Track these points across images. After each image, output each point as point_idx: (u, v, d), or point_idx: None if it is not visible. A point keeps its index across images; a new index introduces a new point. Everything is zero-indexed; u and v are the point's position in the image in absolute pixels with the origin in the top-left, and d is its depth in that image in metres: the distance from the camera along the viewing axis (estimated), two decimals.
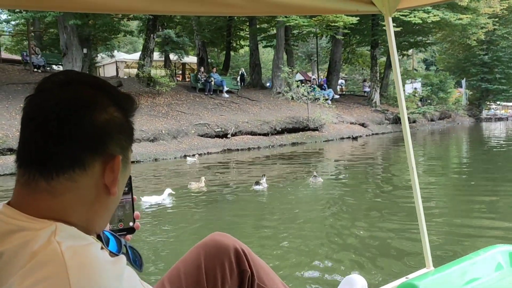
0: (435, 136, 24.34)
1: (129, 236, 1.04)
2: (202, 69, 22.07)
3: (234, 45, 29.89)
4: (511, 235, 5.25)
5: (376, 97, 26.56)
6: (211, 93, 20.46)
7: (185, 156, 14.54)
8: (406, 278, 2.04)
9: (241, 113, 18.71)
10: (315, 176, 9.03)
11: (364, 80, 31.71)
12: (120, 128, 0.77)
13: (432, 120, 29.80)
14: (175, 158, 14.24)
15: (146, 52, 19.57)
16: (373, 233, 5.61)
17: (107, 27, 17.91)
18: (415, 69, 44.37)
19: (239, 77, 31.18)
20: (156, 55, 33.36)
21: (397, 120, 26.14)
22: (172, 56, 31.50)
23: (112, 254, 0.86)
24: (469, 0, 23.76)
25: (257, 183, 8.47)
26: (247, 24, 26.97)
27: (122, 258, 0.75)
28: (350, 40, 31.04)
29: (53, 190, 0.72)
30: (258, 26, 26.05)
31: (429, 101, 31.18)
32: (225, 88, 20.95)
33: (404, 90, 34.28)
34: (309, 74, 34.71)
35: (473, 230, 5.63)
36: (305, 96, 19.36)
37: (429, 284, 1.83)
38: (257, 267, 1.39)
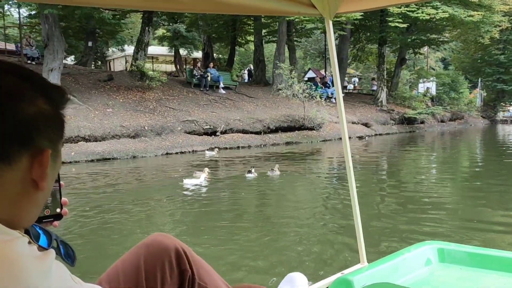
0: (444, 138, 23.33)
1: (56, 223, 1.01)
2: (198, 64, 21.52)
3: (240, 40, 29.23)
4: (440, 231, 5.36)
5: (383, 96, 25.66)
6: (207, 89, 19.91)
7: (167, 153, 14.06)
8: (342, 273, 2.09)
9: (234, 110, 18.11)
10: (249, 171, 9.65)
11: (373, 79, 30.74)
12: (48, 121, 0.72)
13: (442, 121, 28.72)
14: (155, 156, 13.73)
15: (140, 46, 19.06)
16: (316, 230, 5.69)
17: (88, 18, 17.46)
18: (432, 68, 43.08)
19: (246, 73, 30.64)
20: (165, 50, 33.22)
21: (403, 121, 25.25)
22: (182, 51, 31.32)
23: (41, 248, 0.81)
24: None
25: (249, 171, 9.57)
26: (252, 19, 26.34)
27: (51, 252, 0.72)
28: (360, 37, 30.11)
29: None
30: (263, 21, 25.37)
31: (441, 101, 30.11)
32: (221, 84, 20.38)
33: (417, 89, 33.30)
34: (322, 71, 33.93)
35: (407, 227, 5.73)
36: (301, 93, 18.63)
37: (362, 279, 1.88)
38: (197, 266, 1.38)
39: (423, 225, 5.74)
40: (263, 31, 26.33)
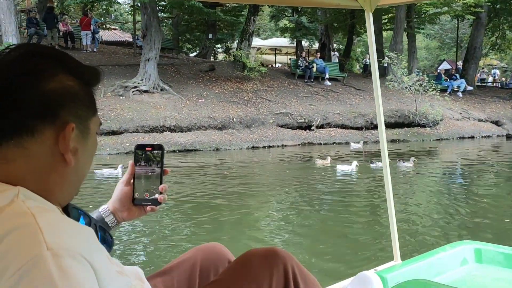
0: None
1: (149, 208, 1.05)
2: (303, 54, 20.57)
3: (358, 29, 27.49)
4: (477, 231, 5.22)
5: None
6: (312, 80, 18.89)
7: (253, 147, 13.49)
8: (375, 270, 2.05)
9: (335, 103, 16.85)
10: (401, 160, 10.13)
11: None
12: (73, 97, 0.75)
13: None
14: (240, 149, 13.22)
15: (244, 36, 18.74)
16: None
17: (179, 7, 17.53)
18: None
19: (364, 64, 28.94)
20: (287, 41, 32.99)
21: None
22: (304, 42, 30.74)
23: None
24: None
25: (371, 161, 10.18)
26: None
27: (91, 229, 0.75)
28: (500, 22, 26.27)
29: (5, 156, 0.71)
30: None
31: None
32: (327, 75, 19.18)
33: None
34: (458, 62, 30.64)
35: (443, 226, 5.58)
36: (411, 86, 16.62)
37: (396, 276, 1.88)
38: None
39: None
40: (383, 17, 24.34)
